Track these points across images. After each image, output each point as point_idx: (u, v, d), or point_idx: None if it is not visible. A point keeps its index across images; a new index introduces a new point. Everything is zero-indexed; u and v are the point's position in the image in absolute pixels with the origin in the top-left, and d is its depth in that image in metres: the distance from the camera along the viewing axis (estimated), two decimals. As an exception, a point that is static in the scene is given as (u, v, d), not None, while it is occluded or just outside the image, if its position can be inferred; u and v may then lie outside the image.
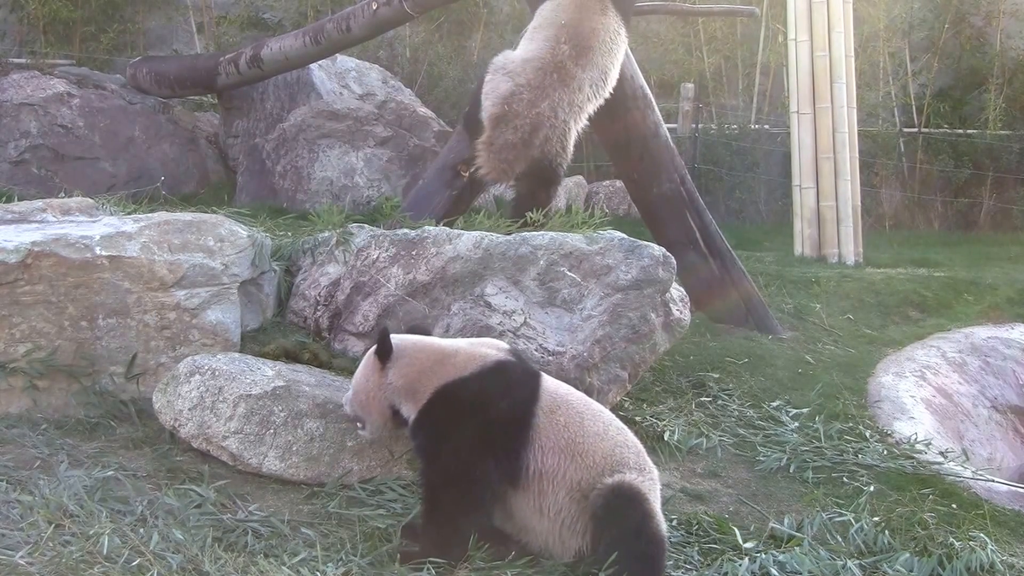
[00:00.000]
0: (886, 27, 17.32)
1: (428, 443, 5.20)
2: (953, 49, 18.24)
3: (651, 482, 5.20)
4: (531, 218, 7.52)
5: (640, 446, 5.30)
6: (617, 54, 8.41)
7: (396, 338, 5.33)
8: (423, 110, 14.18)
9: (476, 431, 5.07)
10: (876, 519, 6.10)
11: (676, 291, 7.22)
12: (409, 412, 5.24)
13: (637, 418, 7.13)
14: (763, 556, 5.51)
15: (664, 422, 7.21)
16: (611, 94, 8.96)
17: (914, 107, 17.89)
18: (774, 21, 16.96)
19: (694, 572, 5.43)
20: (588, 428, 5.16)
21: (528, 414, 5.13)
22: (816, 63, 13.58)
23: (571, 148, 8.17)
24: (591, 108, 8.31)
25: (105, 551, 4.66)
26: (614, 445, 5.17)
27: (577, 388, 5.66)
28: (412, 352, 5.31)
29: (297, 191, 12.92)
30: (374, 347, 5.33)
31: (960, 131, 17.76)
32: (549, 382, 5.33)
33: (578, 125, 8.21)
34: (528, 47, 8.26)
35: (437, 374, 5.19)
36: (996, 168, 17.25)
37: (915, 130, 17.70)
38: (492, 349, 5.32)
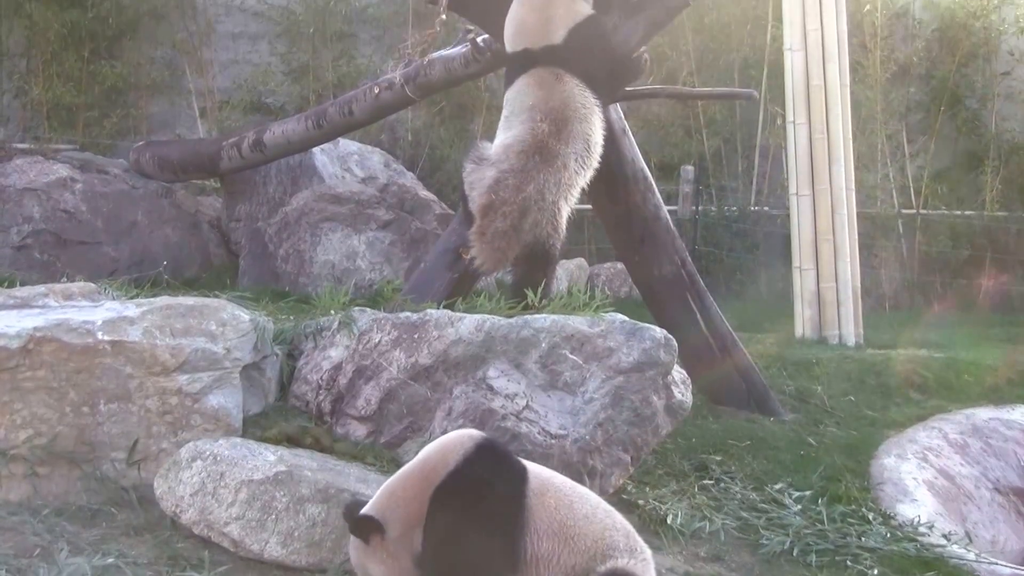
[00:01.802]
0: (883, 110, 17.42)
1: (434, 549, 4.99)
2: (949, 131, 18.36)
3: (644, 563, 5.12)
4: (531, 300, 7.53)
5: (629, 527, 5.24)
6: (593, 119, 8.33)
7: (364, 508, 5.05)
8: (425, 193, 14.22)
9: (478, 517, 5.01)
10: (881, 603, 6.07)
11: (678, 373, 7.22)
12: (420, 541, 5.02)
13: (640, 501, 7.11)
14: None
15: (667, 505, 7.18)
16: (612, 176, 9.03)
17: (912, 189, 17.96)
18: (773, 104, 17.05)
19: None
20: (577, 511, 5.09)
21: (521, 495, 5.06)
22: (815, 145, 13.63)
23: (563, 227, 8.14)
24: (581, 182, 8.27)
25: (107, 639, 4.65)
26: (603, 528, 5.10)
27: (580, 471, 5.65)
28: (390, 499, 5.08)
29: (299, 274, 12.94)
30: (354, 533, 5.07)
31: (958, 212, 17.83)
32: (531, 464, 5.28)
33: (569, 203, 8.18)
34: (507, 133, 8.23)
35: (425, 488, 5.02)
36: (994, 249, 17.29)
37: (913, 211, 17.75)
38: (466, 437, 5.22)
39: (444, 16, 8.97)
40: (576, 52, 8.32)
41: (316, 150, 13.83)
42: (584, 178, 8.30)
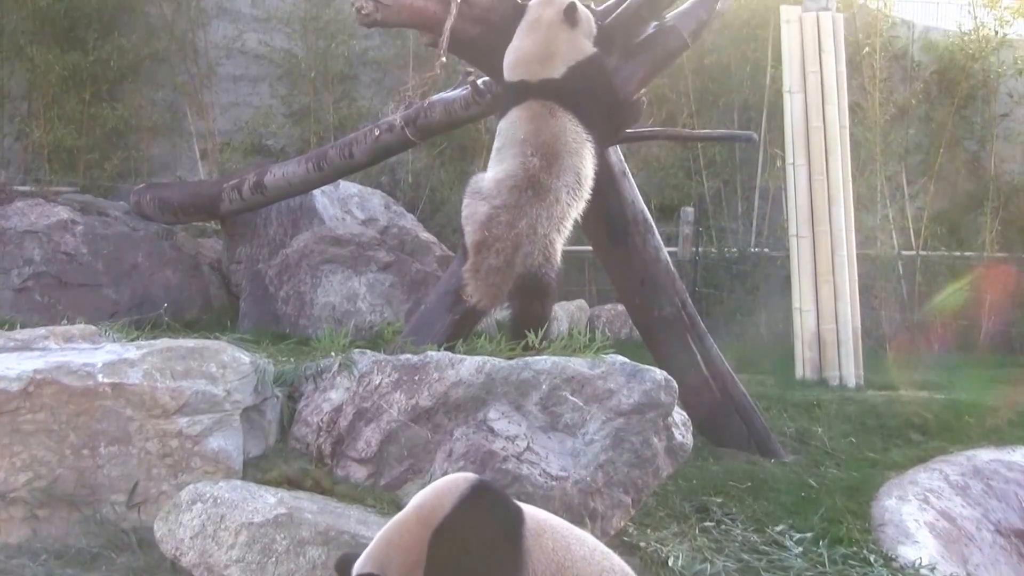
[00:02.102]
0: (882, 151, 17.44)
1: None
2: (949, 173, 18.41)
3: None
4: (532, 341, 7.53)
5: (627, 569, 5.17)
6: (584, 152, 8.30)
7: (360, 560, 4.86)
8: (425, 235, 14.24)
9: (477, 561, 4.95)
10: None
11: (678, 415, 7.21)
12: None
13: (641, 543, 7.09)
14: None
15: (668, 547, 7.16)
16: (612, 218, 9.05)
17: (912, 230, 17.98)
18: (772, 145, 17.08)
19: None
20: (575, 552, 5.03)
21: (518, 537, 5.01)
22: (814, 187, 13.65)
23: (557, 257, 8.12)
24: (573, 213, 8.25)
25: None
26: (601, 570, 5.04)
27: (581, 513, 5.63)
28: (387, 547, 4.90)
29: (300, 316, 12.95)
30: None
31: (958, 253, 17.84)
32: (527, 506, 5.24)
33: (562, 235, 8.16)
34: (499, 167, 8.23)
35: (423, 533, 4.88)
36: (994, 291, 17.28)
37: (913, 252, 17.77)
38: (461, 480, 5.16)
39: (444, 59, 8.99)
40: (574, 89, 8.34)
41: (317, 192, 13.84)
42: (576, 210, 8.28)
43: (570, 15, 8.44)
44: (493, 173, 8.25)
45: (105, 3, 16.40)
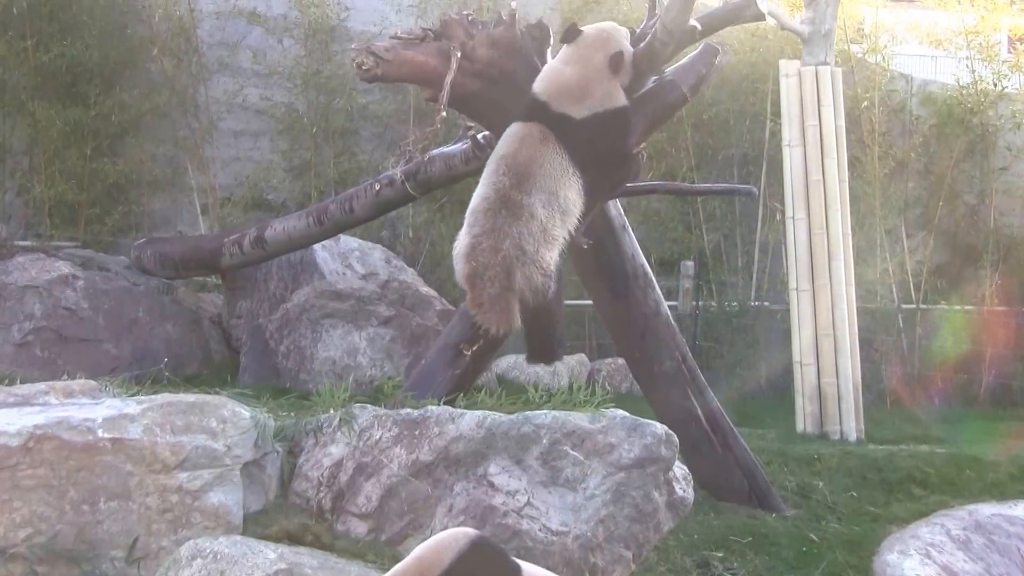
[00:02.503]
0: (882, 204, 17.48)
1: None
2: (948, 226, 18.44)
3: None
4: (531, 395, 7.53)
5: None
6: (565, 182, 8.24)
7: None
8: (425, 289, 14.23)
9: None
10: None
11: (679, 469, 7.21)
12: None
13: (642, 599, 7.08)
14: None
15: (669, 602, 7.16)
16: (612, 272, 9.06)
17: (911, 283, 17.99)
18: (772, 199, 17.11)
19: None
20: None
21: None
22: (814, 240, 13.69)
23: (553, 270, 8.08)
24: (559, 230, 8.17)
25: None
26: None
27: (582, 568, 5.62)
28: None
29: (300, 371, 12.94)
30: None
31: (958, 307, 17.84)
32: (524, 563, 5.22)
33: (553, 249, 8.09)
34: (476, 193, 8.24)
35: None
36: (995, 344, 17.27)
37: (913, 306, 17.77)
38: (460, 534, 5.13)
39: (444, 113, 9.02)
40: (585, 136, 8.33)
41: (317, 246, 13.85)
42: (560, 225, 8.16)
43: (615, 64, 8.43)
44: (472, 201, 8.25)
45: (107, 58, 16.43)
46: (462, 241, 8.07)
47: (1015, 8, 19.33)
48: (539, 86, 8.44)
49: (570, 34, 8.59)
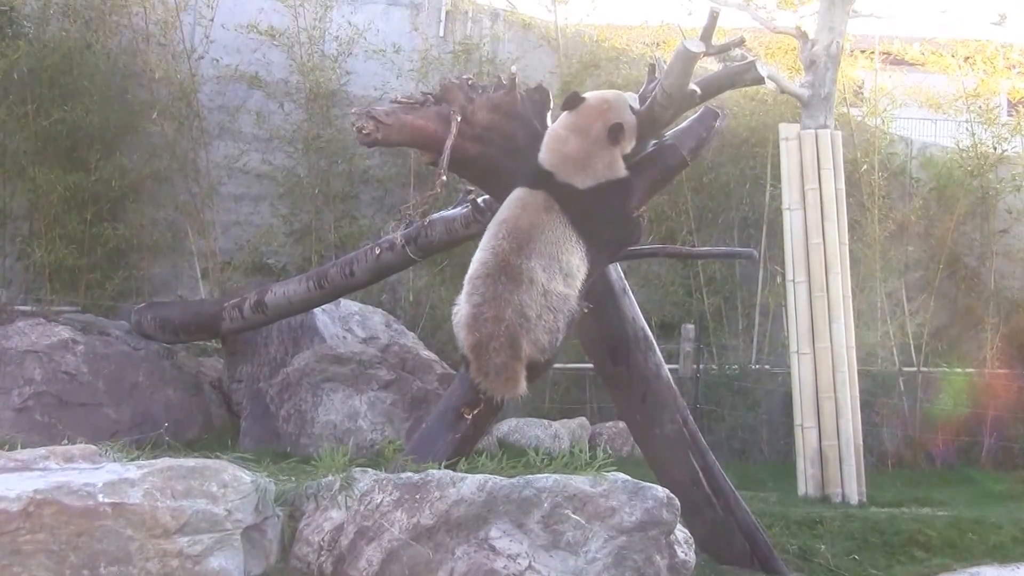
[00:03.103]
0: (882, 267, 17.52)
1: None
2: (948, 289, 18.46)
3: None
4: (532, 458, 7.51)
5: None
6: (567, 248, 8.27)
7: None
8: (426, 353, 14.23)
9: None
10: None
11: (680, 532, 7.18)
12: None
13: (644, 665, 7.03)
14: None
15: (672, 667, 7.10)
16: (613, 336, 9.06)
17: (912, 346, 17.98)
18: (772, 262, 17.16)
19: None
20: None
21: None
22: (815, 304, 13.71)
23: (561, 327, 8.11)
24: (563, 289, 8.22)
25: None
26: None
27: (583, 633, 5.58)
28: None
29: (301, 435, 12.92)
30: None
31: (959, 370, 17.83)
32: None
33: (558, 313, 8.13)
34: (475, 258, 8.30)
35: None
36: (996, 407, 17.25)
37: (914, 369, 17.76)
38: None
39: (444, 177, 9.04)
40: (588, 206, 8.37)
41: (317, 310, 13.87)
42: (564, 285, 8.20)
43: (614, 136, 8.49)
44: (471, 268, 8.28)
45: (107, 123, 16.48)
46: (463, 310, 8.10)
47: (1015, 72, 19.40)
48: (543, 155, 8.50)
49: (571, 102, 8.65)
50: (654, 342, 9.92)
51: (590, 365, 10.47)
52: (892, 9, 17.93)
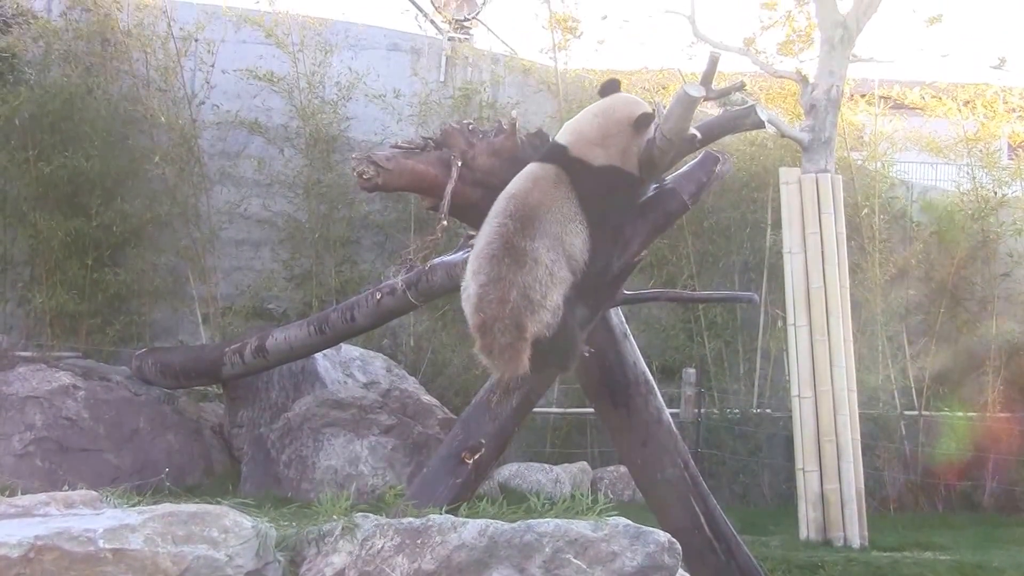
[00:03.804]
0: (883, 311, 17.53)
1: None
2: (950, 332, 18.43)
3: None
4: (534, 503, 7.50)
5: None
6: (572, 229, 8.27)
7: None
8: (427, 398, 14.24)
9: None
10: None
11: (682, 577, 7.17)
12: None
13: None
14: None
15: None
16: (614, 380, 9.05)
17: (914, 390, 17.97)
18: (773, 306, 17.17)
19: None
20: None
21: None
22: (816, 347, 13.71)
23: (560, 306, 8.11)
24: (565, 273, 8.23)
25: None
26: None
27: None
28: None
29: (302, 480, 12.91)
30: None
31: (960, 413, 17.80)
32: None
33: (558, 291, 8.14)
34: (482, 232, 8.25)
35: None
36: (997, 450, 17.22)
37: (916, 413, 17.73)
38: None
39: (445, 222, 9.06)
40: (599, 186, 8.40)
41: (318, 355, 13.89)
42: (566, 269, 8.22)
43: (641, 123, 8.50)
44: (476, 242, 8.28)
45: (108, 169, 16.52)
46: (470, 288, 8.10)
47: (1015, 115, 19.44)
48: (561, 132, 8.56)
49: (609, 87, 8.71)
50: (655, 386, 9.91)
51: (591, 409, 10.46)
52: (892, 54, 18.00)
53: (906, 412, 17.70)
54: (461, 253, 10.70)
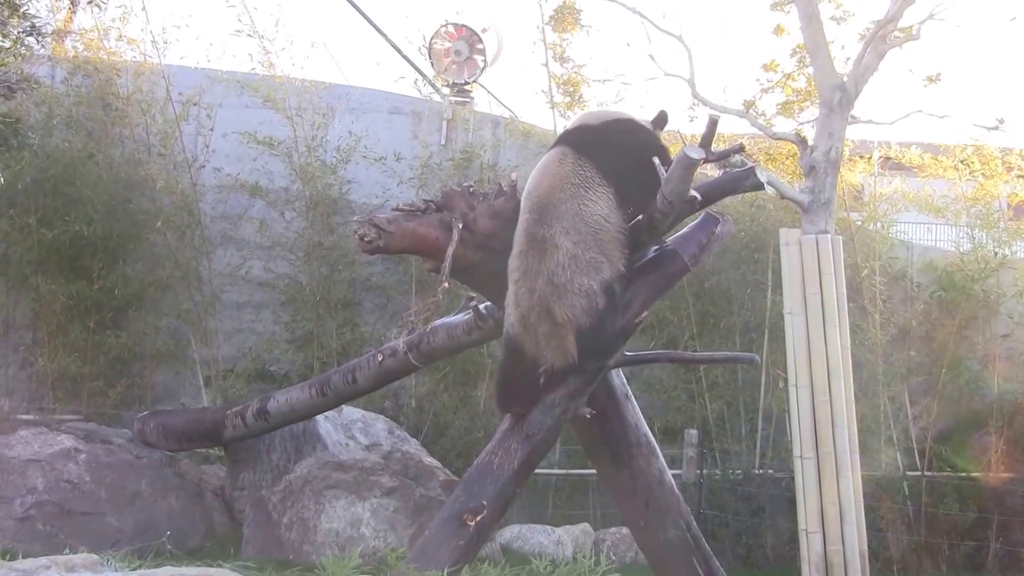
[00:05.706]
0: (884, 372, 17.52)
1: None
2: (952, 393, 18.38)
3: None
4: (536, 565, 7.48)
5: None
6: (591, 196, 8.38)
7: None
8: (429, 460, 14.22)
9: None
10: None
11: (686, 639, 7.15)
12: None
13: None
14: None
15: None
16: (615, 441, 9.06)
17: (916, 450, 17.93)
18: (774, 367, 17.15)
19: None
20: None
21: None
22: (817, 408, 13.67)
23: (595, 288, 8.23)
24: (593, 252, 8.31)
25: None
26: None
27: None
28: None
29: (303, 543, 12.86)
30: None
31: (963, 474, 17.76)
32: None
33: (588, 272, 8.24)
34: (514, 237, 8.59)
35: None
36: (1001, 511, 17.17)
37: (918, 473, 17.69)
38: None
39: (447, 284, 9.11)
40: (606, 140, 8.55)
41: (320, 417, 13.88)
42: (594, 243, 8.32)
43: (658, 122, 8.75)
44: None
45: (110, 233, 16.56)
46: (509, 289, 8.29)
47: (1013, 175, 19.50)
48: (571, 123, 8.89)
49: (660, 121, 9.01)
50: (657, 447, 9.92)
51: (593, 471, 10.44)
52: (890, 115, 18.05)
53: (909, 473, 17.64)
54: (462, 315, 10.74)
